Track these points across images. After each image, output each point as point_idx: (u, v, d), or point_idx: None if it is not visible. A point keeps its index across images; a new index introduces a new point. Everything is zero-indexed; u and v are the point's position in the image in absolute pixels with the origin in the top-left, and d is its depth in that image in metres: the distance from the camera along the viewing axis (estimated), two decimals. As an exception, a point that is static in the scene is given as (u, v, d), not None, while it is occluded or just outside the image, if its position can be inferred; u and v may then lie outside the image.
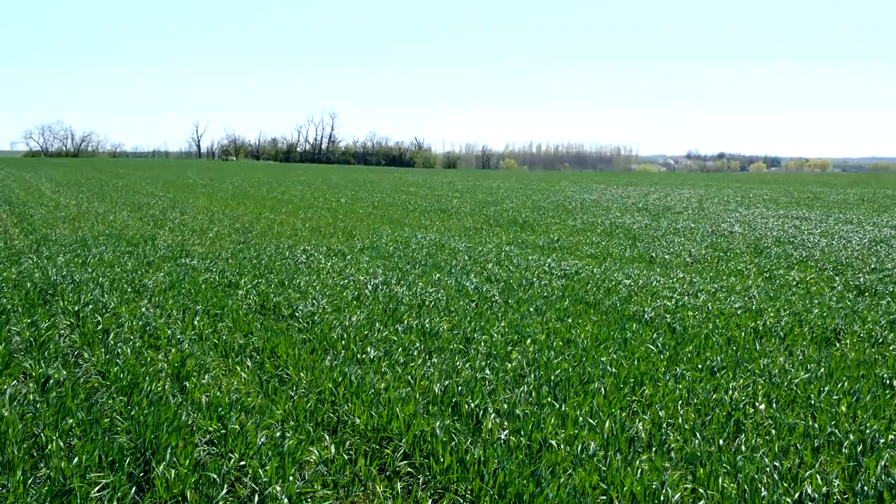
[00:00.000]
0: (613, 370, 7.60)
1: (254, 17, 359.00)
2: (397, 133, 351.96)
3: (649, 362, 7.95)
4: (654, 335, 9.04)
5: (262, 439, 5.80)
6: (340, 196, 35.93)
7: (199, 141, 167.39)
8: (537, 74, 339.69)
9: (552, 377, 7.34)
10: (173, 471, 5.24)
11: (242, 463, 5.51)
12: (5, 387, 6.77)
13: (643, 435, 6.11)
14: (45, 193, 34.49)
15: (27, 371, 7.36)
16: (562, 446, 5.77)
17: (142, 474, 5.36)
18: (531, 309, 10.36)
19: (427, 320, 9.47)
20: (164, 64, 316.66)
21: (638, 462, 5.56)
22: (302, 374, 7.39)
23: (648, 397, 6.96)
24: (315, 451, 5.73)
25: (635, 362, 7.89)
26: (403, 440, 5.94)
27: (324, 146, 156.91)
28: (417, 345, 8.44)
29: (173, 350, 8.08)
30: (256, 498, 5.04)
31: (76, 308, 9.73)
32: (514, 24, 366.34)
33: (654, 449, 5.90)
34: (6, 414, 6.06)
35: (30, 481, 5.08)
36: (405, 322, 9.40)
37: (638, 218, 26.10)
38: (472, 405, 6.52)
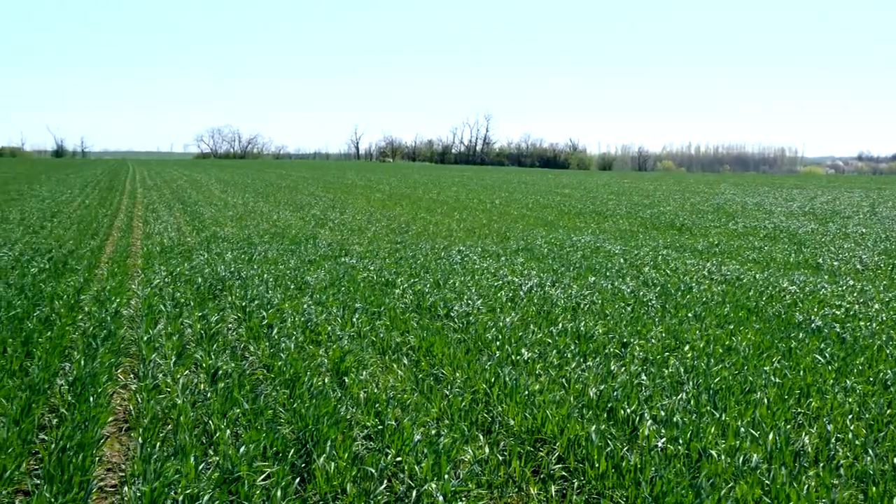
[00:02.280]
0: (777, 380, 7.32)
1: (411, 22, 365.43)
2: (552, 134, 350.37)
3: (816, 373, 7.61)
4: (822, 345, 8.65)
5: (417, 436, 5.89)
6: (494, 197, 36.09)
7: (357, 142, 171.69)
8: (696, 74, 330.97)
9: (711, 385, 7.13)
10: (333, 463, 5.39)
11: (399, 459, 5.61)
12: (179, 376, 7.13)
13: (809, 449, 5.86)
14: (214, 193, 36.17)
15: (198, 362, 7.73)
16: (722, 457, 5.59)
17: (303, 465, 5.54)
18: (689, 314, 10.11)
19: (582, 323, 9.39)
20: (326, 68, 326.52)
21: (804, 477, 5.34)
22: (457, 374, 7.46)
23: (815, 410, 6.67)
24: (469, 450, 5.77)
25: (801, 373, 7.57)
26: (558, 443, 5.90)
27: (478, 148, 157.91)
28: (572, 347, 8.37)
29: (333, 346, 8.31)
30: (413, 494, 5.12)
31: (243, 303, 10.16)
32: (670, 23, 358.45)
33: (821, 464, 5.64)
34: (179, 402, 6.39)
35: (200, 467, 5.33)
36: (560, 324, 9.35)
37: (804, 222, 25.04)
38: (628, 411, 6.41)
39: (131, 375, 7.52)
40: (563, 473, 5.57)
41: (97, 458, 5.57)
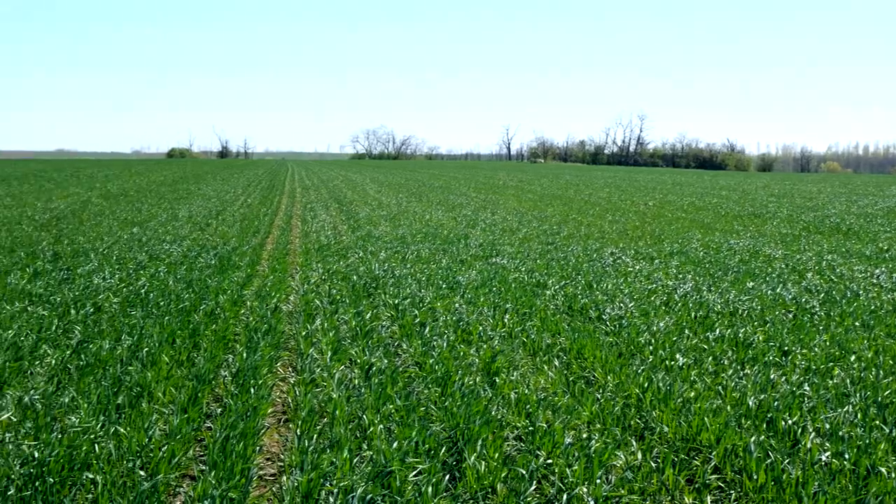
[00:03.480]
0: (954, 395, 6.86)
1: (565, 22, 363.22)
2: (708, 134, 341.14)
3: None
4: None
5: (568, 439, 5.84)
6: (648, 199, 35.43)
7: (509, 143, 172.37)
8: (865, 71, 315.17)
9: (880, 398, 6.76)
10: (484, 463, 5.41)
11: (549, 461, 5.57)
12: (334, 371, 7.32)
13: None
14: (368, 193, 37.00)
15: (353, 358, 7.92)
16: (893, 475, 5.29)
17: (454, 463, 5.58)
18: (856, 323, 9.62)
19: (740, 330, 9.08)
20: (479, 70, 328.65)
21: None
22: (608, 377, 7.35)
23: None
24: (622, 455, 5.67)
25: (981, 388, 7.07)
26: (714, 452, 5.73)
27: (631, 148, 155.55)
28: (729, 354, 8.11)
29: (484, 346, 8.35)
30: (564, 498, 5.08)
31: (396, 301, 10.34)
32: (835, 15, 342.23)
33: None
34: (335, 396, 6.56)
35: (355, 460, 5.46)
36: (716, 330, 9.07)
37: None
38: (790, 422, 6.16)
39: (290, 369, 7.77)
40: (720, 484, 5.40)
41: (258, 448, 5.78)
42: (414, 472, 5.33)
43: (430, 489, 5.05)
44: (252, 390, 6.70)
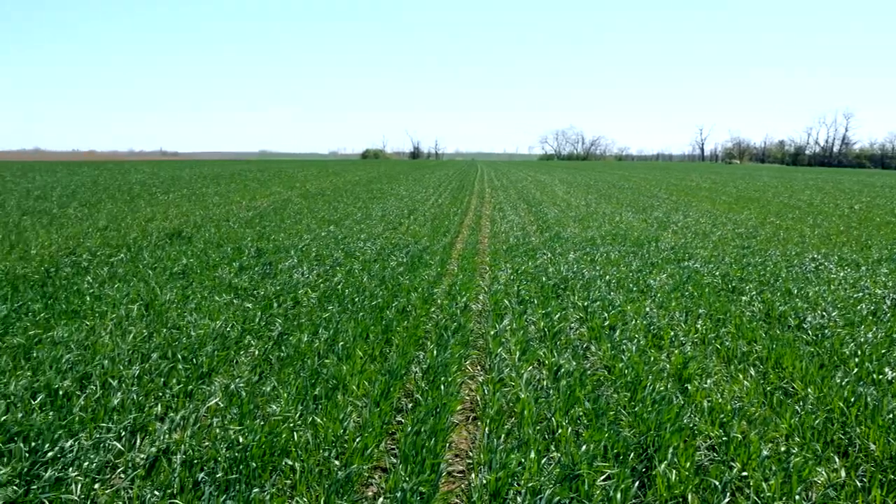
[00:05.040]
0: None
1: (760, 16, 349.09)
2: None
3: None
4: None
5: (765, 452, 5.60)
6: (853, 202, 33.50)
7: (702, 144, 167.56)
8: None
9: None
10: (675, 471, 5.28)
11: (745, 473, 5.36)
12: (522, 371, 7.34)
13: None
14: (557, 194, 36.87)
15: (540, 359, 7.91)
16: None
17: (643, 470, 5.47)
18: None
19: (958, 343, 8.43)
20: (670, 69, 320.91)
21: None
22: (809, 389, 6.99)
23: None
24: (823, 471, 5.39)
25: None
26: (927, 474, 5.34)
27: (835, 149, 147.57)
28: (945, 370, 7.54)
29: (675, 351, 8.14)
30: (759, 512, 4.87)
31: (584, 303, 10.24)
32: None
33: None
34: (522, 396, 6.57)
35: (542, 461, 5.44)
36: (930, 343, 8.46)
37: None
38: None
39: (478, 367, 7.85)
40: (934, 508, 5.03)
41: (447, 444, 5.87)
42: (602, 477, 5.27)
43: (618, 495, 4.97)
44: (442, 387, 6.81)
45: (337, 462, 5.42)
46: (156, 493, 4.88)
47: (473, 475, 5.38)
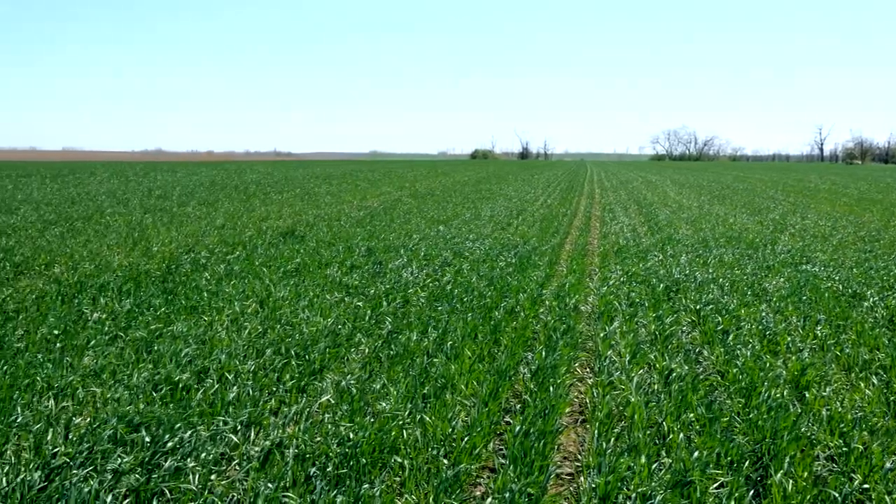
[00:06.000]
0: None
1: (882, 10, 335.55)
2: None
3: None
4: None
5: (888, 464, 5.38)
6: None
7: (821, 144, 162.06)
8: None
9: None
10: (791, 481, 5.12)
11: (866, 486, 5.16)
12: (632, 374, 7.23)
13: None
14: (668, 195, 36.23)
15: (651, 362, 7.78)
16: None
17: (758, 479, 5.32)
18: None
19: None
20: (786, 67, 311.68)
21: None
22: (937, 400, 6.68)
23: None
24: (952, 487, 5.14)
25: None
26: None
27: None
28: None
29: (792, 357, 7.90)
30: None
31: (697, 307, 10.04)
32: None
33: None
34: (633, 400, 6.48)
35: (653, 466, 5.36)
36: None
37: None
38: None
39: (587, 370, 7.78)
40: None
41: (555, 446, 5.84)
42: (715, 485, 5.15)
43: (732, 503, 4.85)
44: (550, 389, 6.78)
45: (445, 461, 5.45)
46: (269, 485, 4.99)
47: (582, 478, 5.33)
